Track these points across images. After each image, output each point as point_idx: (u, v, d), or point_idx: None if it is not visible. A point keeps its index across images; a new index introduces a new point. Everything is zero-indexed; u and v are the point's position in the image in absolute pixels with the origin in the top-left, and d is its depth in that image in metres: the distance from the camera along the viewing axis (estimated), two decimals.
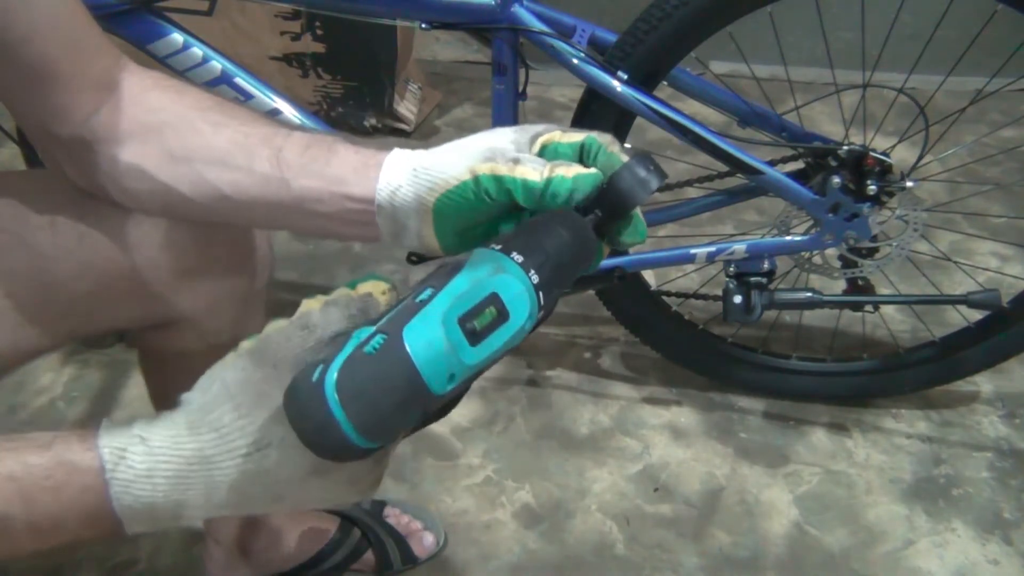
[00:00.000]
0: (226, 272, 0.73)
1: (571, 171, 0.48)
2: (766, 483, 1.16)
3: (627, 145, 0.52)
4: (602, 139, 0.52)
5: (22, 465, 0.44)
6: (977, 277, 1.36)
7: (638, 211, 0.52)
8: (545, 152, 0.52)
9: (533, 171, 0.48)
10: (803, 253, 1.14)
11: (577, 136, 0.52)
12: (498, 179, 0.48)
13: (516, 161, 0.49)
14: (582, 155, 0.52)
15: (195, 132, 0.56)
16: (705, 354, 1.28)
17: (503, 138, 0.51)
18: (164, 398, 0.85)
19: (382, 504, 1.09)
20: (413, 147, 0.53)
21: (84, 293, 0.64)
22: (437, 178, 0.50)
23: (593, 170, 0.49)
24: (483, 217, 0.51)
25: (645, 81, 1.01)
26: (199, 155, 0.56)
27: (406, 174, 0.51)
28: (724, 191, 1.21)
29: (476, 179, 0.49)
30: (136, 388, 1.30)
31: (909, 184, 1.04)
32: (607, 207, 0.50)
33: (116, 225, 0.64)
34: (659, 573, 1.05)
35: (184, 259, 0.68)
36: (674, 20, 0.97)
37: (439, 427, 1.24)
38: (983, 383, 1.30)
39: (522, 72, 1.04)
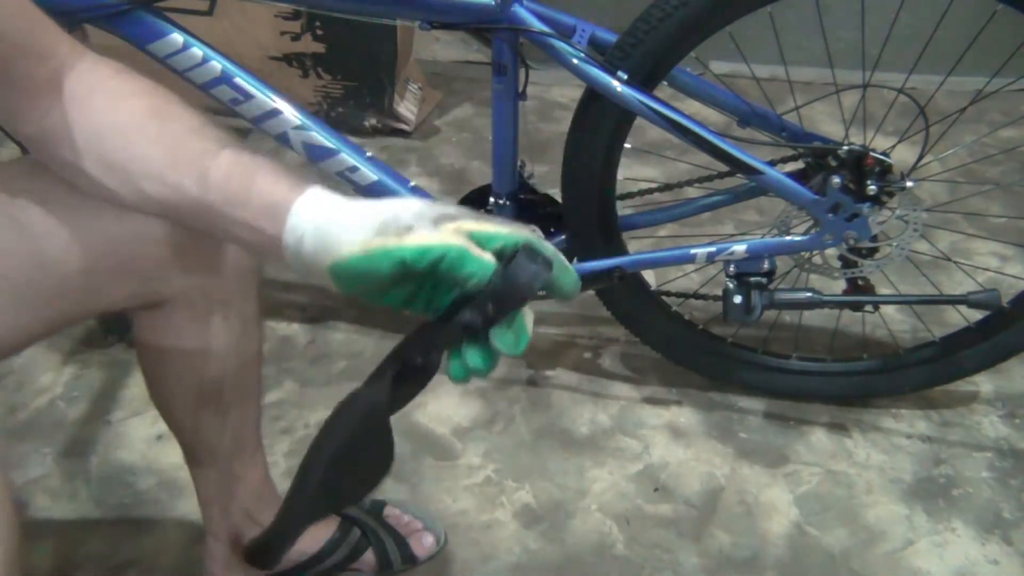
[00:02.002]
0: (218, 253, 0.74)
1: (471, 249, 0.49)
2: (766, 483, 1.16)
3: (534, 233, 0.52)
4: (527, 236, 0.52)
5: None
6: (977, 277, 1.37)
7: (526, 317, 0.52)
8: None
9: (429, 236, 0.49)
10: (803, 253, 1.14)
11: (497, 229, 0.51)
12: (388, 251, 0.49)
13: (409, 229, 0.49)
14: (501, 249, 0.51)
15: (130, 145, 0.57)
16: (705, 354, 1.28)
17: (409, 210, 0.51)
18: (162, 392, 0.85)
19: (382, 504, 1.09)
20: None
21: (76, 271, 0.64)
22: (332, 243, 0.50)
23: (491, 259, 0.49)
24: (380, 284, 0.51)
25: (645, 81, 1.01)
26: (135, 167, 0.57)
27: (310, 227, 0.51)
28: (724, 191, 1.21)
29: (368, 253, 0.49)
30: (136, 388, 1.30)
31: (909, 184, 1.04)
32: (499, 297, 0.50)
33: (104, 205, 0.64)
34: (659, 573, 1.05)
35: (174, 235, 0.68)
36: (674, 20, 0.97)
37: (439, 427, 1.24)
38: (983, 383, 1.30)
39: (522, 72, 1.04)
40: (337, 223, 0.51)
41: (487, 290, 0.49)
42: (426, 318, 0.54)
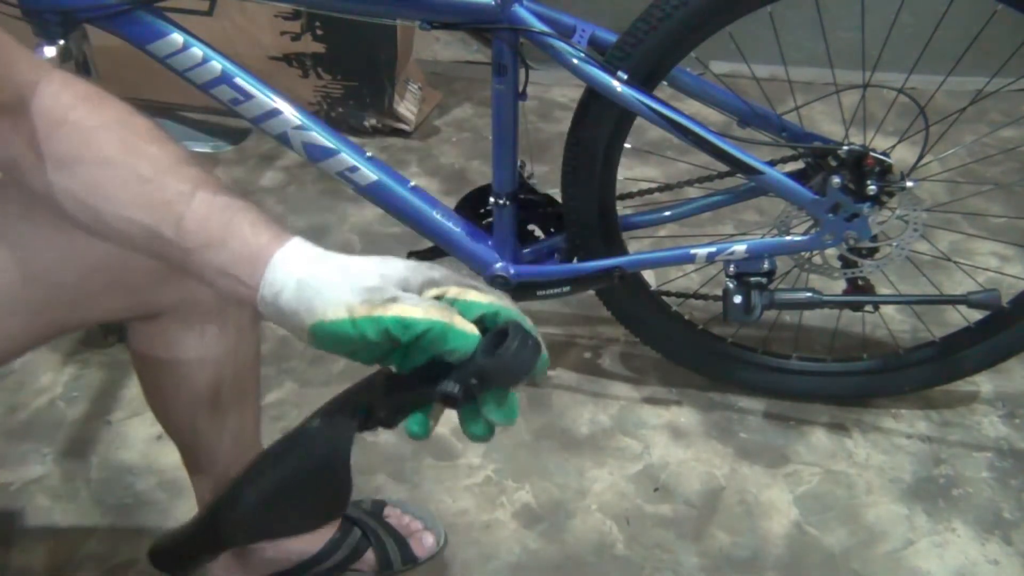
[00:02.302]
0: None
1: (456, 323, 0.48)
2: (766, 483, 1.16)
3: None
4: (511, 310, 0.51)
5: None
6: (977, 277, 1.36)
7: (515, 397, 0.52)
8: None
9: (413, 308, 0.48)
10: (803, 253, 1.14)
11: (482, 298, 0.51)
12: (375, 320, 0.48)
13: (394, 300, 0.48)
14: (484, 320, 0.51)
15: (100, 185, 0.55)
16: (705, 354, 1.28)
17: (394, 275, 0.50)
18: (160, 401, 0.85)
19: (382, 504, 1.09)
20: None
21: (65, 285, 0.64)
22: (316, 305, 0.49)
23: (476, 332, 0.49)
24: (362, 348, 0.50)
25: (645, 81, 1.01)
26: (106, 208, 0.55)
27: (291, 284, 0.50)
28: (724, 191, 1.21)
29: (353, 321, 0.48)
30: (136, 388, 1.29)
31: (909, 184, 1.04)
32: (486, 375, 0.49)
33: None
34: (659, 573, 1.05)
35: None
36: (674, 20, 0.97)
37: (439, 427, 1.24)
38: (983, 383, 1.30)
39: (522, 72, 1.04)
40: (320, 281, 0.50)
41: (472, 364, 0.49)
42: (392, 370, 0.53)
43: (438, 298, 0.51)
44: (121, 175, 0.54)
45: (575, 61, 0.99)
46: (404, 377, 0.52)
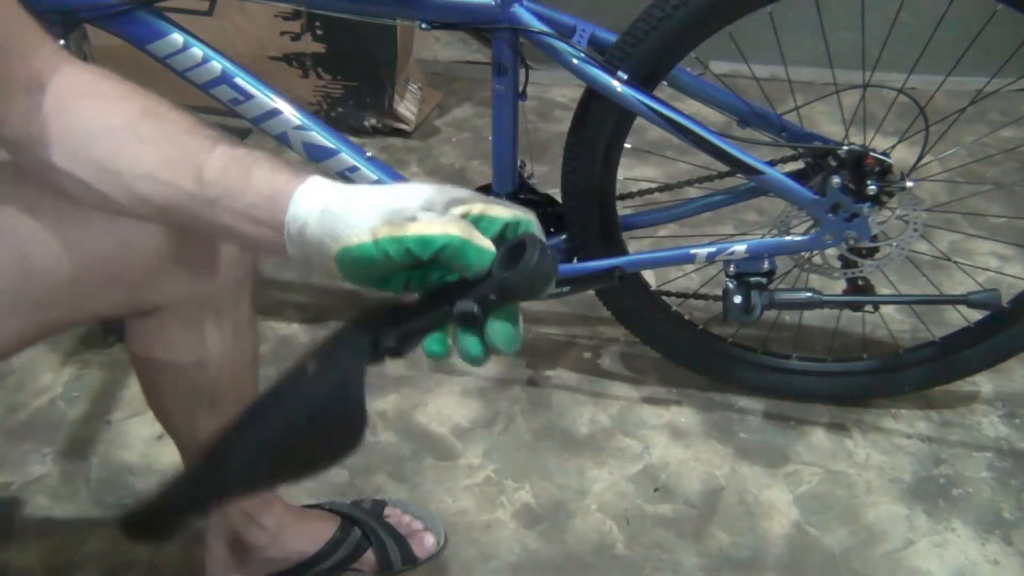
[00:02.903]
0: (208, 259, 0.73)
1: (473, 238, 0.49)
2: (766, 483, 1.16)
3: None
4: (529, 218, 0.52)
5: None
6: (977, 277, 1.36)
7: (520, 316, 0.52)
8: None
9: (430, 225, 0.48)
10: (803, 253, 1.14)
11: (503, 213, 0.52)
12: (398, 240, 0.48)
13: (414, 219, 0.49)
14: (505, 233, 0.52)
15: (122, 146, 0.56)
16: (705, 354, 1.28)
17: (416, 197, 0.51)
18: (158, 400, 0.85)
19: (382, 504, 1.09)
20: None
21: (64, 281, 0.64)
22: (341, 231, 0.50)
23: (491, 248, 0.49)
24: (387, 271, 0.50)
25: (645, 81, 1.01)
26: (128, 169, 0.55)
27: (315, 214, 0.51)
28: (724, 191, 1.21)
29: (376, 242, 0.49)
30: (136, 388, 1.29)
31: (909, 184, 1.04)
32: (506, 289, 0.49)
33: (94, 213, 0.63)
34: (659, 573, 1.05)
35: (164, 244, 0.68)
36: (674, 20, 0.97)
37: (439, 427, 1.24)
38: (983, 383, 1.30)
39: (522, 72, 1.04)
40: (344, 209, 0.50)
41: (490, 280, 0.49)
42: (399, 298, 0.53)
43: (464, 216, 0.51)
44: (141, 134, 0.56)
45: (575, 61, 0.99)
46: (410, 306, 0.52)
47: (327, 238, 0.50)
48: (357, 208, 0.50)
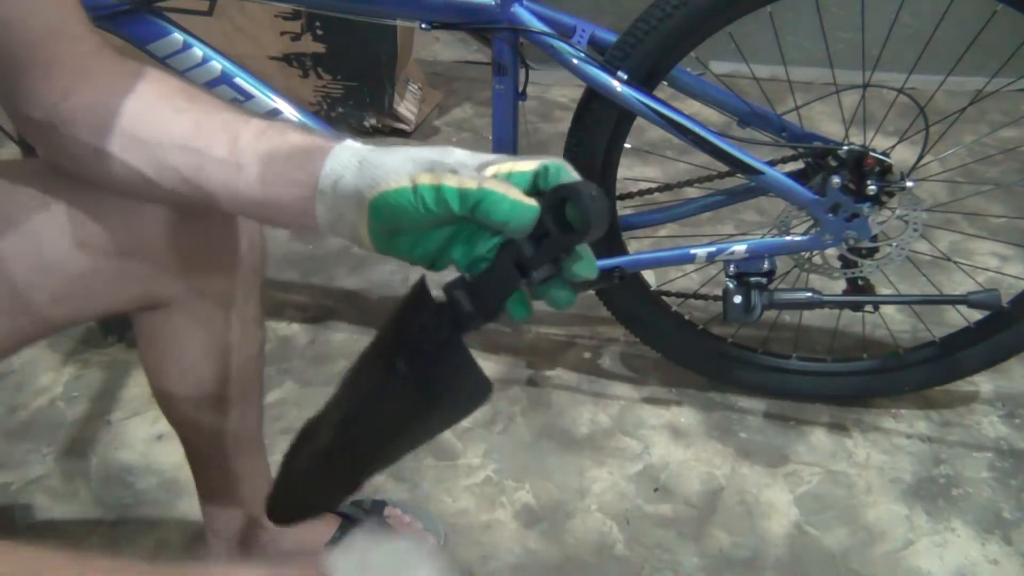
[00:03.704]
0: (218, 255, 0.74)
1: (511, 193, 0.48)
2: (766, 483, 1.16)
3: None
4: (556, 162, 0.52)
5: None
6: (977, 277, 1.36)
7: (587, 246, 0.51)
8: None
9: (470, 180, 0.49)
10: (803, 253, 1.14)
11: (530, 165, 0.52)
12: (436, 188, 0.48)
13: (454, 172, 0.49)
14: (537, 183, 0.51)
15: (158, 116, 0.57)
16: (705, 354, 1.28)
17: (451, 156, 0.51)
18: (163, 393, 0.85)
19: (382, 504, 1.09)
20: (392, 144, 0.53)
21: (77, 274, 0.64)
22: (379, 176, 0.50)
23: (532, 202, 0.49)
24: (418, 223, 0.50)
25: (645, 81, 1.01)
26: (160, 138, 0.57)
27: (352, 165, 0.51)
28: (724, 191, 1.21)
29: (415, 187, 0.49)
30: (136, 388, 1.30)
31: (909, 184, 1.04)
32: (560, 231, 0.49)
33: (109, 206, 0.64)
34: (659, 573, 1.05)
35: (176, 241, 0.68)
36: (674, 20, 0.97)
37: None
38: (983, 383, 1.30)
39: (522, 72, 1.04)
40: (383, 158, 0.51)
41: (552, 242, 0.49)
42: (456, 278, 0.52)
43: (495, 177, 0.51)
44: (178, 107, 0.58)
45: (575, 61, 0.99)
46: (483, 280, 0.52)
47: (364, 186, 0.50)
48: (396, 156, 0.51)
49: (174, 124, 0.57)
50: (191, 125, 0.57)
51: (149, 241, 0.67)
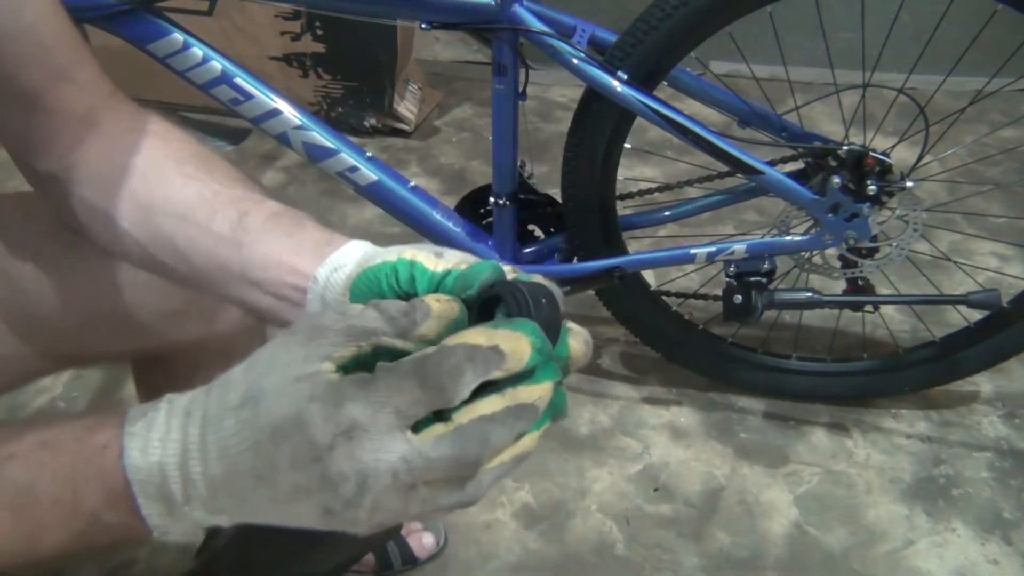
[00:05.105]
0: (214, 312, 0.72)
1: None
2: (766, 483, 1.16)
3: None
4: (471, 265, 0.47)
5: (54, 430, 0.42)
6: (977, 277, 1.36)
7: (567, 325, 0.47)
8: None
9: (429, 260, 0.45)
10: (803, 253, 1.14)
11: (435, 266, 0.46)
12: (411, 264, 0.45)
13: (438, 255, 0.46)
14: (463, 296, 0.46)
15: (164, 181, 0.54)
16: (705, 354, 1.28)
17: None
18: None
19: None
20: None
21: (69, 328, 0.63)
22: (375, 259, 0.46)
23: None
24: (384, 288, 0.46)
25: (645, 81, 1.01)
26: (161, 205, 0.53)
27: (357, 257, 0.47)
28: (724, 191, 1.21)
29: (394, 262, 0.45)
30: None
31: (909, 184, 1.04)
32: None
33: (99, 265, 0.62)
34: (659, 573, 1.05)
35: (170, 301, 0.67)
36: (674, 20, 0.97)
37: None
38: (983, 383, 1.30)
39: (522, 72, 1.04)
40: (387, 250, 0.47)
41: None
42: None
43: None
44: (188, 173, 0.54)
45: (575, 61, 0.99)
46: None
47: (359, 270, 0.47)
48: (393, 250, 0.47)
49: (180, 192, 0.53)
50: (197, 195, 0.53)
51: (142, 303, 0.65)
